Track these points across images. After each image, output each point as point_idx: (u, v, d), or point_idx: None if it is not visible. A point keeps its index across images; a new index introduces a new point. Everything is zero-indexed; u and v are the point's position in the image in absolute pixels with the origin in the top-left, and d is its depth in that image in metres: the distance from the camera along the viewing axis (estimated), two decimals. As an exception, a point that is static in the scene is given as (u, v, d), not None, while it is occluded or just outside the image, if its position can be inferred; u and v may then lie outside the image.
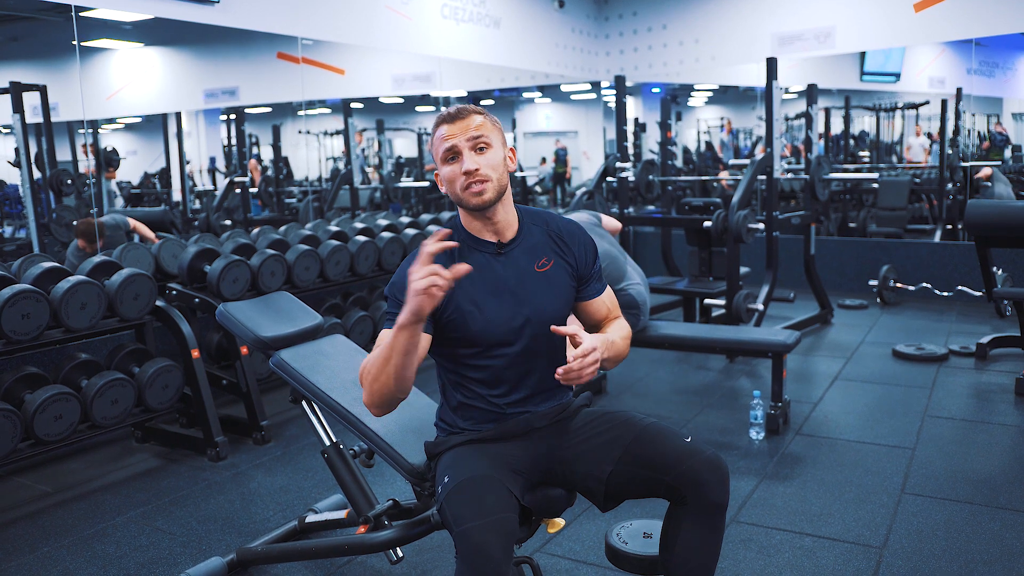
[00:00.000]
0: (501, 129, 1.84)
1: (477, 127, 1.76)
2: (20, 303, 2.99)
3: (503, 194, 1.79)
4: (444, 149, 1.76)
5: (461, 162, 1.74)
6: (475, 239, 1.82)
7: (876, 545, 2.59)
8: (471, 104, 1.81)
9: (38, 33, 5.15)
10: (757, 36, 7.49)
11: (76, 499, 3.18)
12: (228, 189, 6.75)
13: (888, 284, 6.38)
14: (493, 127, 1.80)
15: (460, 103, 2.43)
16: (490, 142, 1.77)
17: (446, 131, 1.76)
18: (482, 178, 1.74)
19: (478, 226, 1.82)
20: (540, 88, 10.71)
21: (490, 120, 1.80)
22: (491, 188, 1.75)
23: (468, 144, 1.75)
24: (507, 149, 1.82)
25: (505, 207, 1.82)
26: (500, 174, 1.77)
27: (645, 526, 2.35)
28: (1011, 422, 3.71)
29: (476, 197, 1.74)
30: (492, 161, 1.76)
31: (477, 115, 1.78)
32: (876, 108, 9.57)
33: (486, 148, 1.76)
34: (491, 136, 1.77)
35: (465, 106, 1.79)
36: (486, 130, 1.77)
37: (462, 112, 1.77)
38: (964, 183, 7.38)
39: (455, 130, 1.75)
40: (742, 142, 11.85)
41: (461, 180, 1.74)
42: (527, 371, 1.85)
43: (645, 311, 3.74)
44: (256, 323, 2.46)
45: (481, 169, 1.74)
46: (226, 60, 6.56)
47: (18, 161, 4.49)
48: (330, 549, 2.31)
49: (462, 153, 1.75)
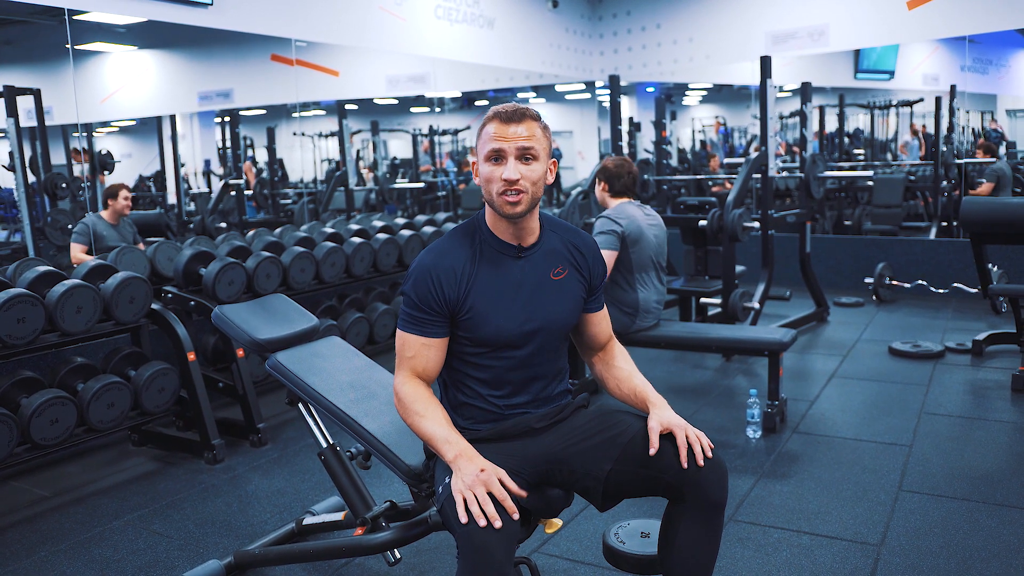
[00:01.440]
0: (550, 137, 1.81)
1: (529, 137, 1.72)
2: (15, 307, 2.98)
3: (535, 206, 1.78)
4: (491, 149, 1.72)
5: (504, 166, 1.71)
6: (497, 240, 1.82)
7: (874, 543, 2.59)
8: (528, 107, 1.76)
9: (32, 37, 5.14)
10: (751, 34, 7.50)
11: (73, 503, 3.18)
12: (223, 191, 6.74)
13: (884, 282, 6.39)
14: (543, 137, 1.76)
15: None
16: (537, 154, 1.73)
17: (497, 130, 1.72)
18: (520, 189, 1.71)
19: (502, 227, 1.81)
20: (535, 88, 10.70)
21: (542, 129, 1.76)
22: (526, 201, 1.73)
23: (516, 152, 1.71)
24: (550, 162, 1.80)
25: (532, 215, 1.81)
26: (538, 187, 1.75)
27: (643, 525, 2.34)
28: (1007, 418, 3.72)
29: (510, 207, 1.73)
30: (534, 174, 1.73)
31: (533, 121, 1.74)
32: (870, 106, 9.59)
33: (532, 160, 1.73)
34: (539, 148, 1.74)
35: (523, 108, 1.74)
36: (536, 141, 1.73)
37: (518, 115, 1.73)
38: (959, 180, 7.40)
39: (507, 133, 1.71)
40: (736, 140, 11.87)
41: (499, 185, 1.72)
42: (530, 376, 1.85)
43: (641, 316, 3.74)
44: (252, 325, 2.46)
45: (522, 181, 1.71)
46: (220, 62, 6.55)
47: (12, 165, 4.49)
48: (328, 551, 2.31)
49: (507, 159, 1.71)
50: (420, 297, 1.77)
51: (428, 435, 1.73)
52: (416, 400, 1.76)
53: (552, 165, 1.81)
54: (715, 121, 11.90)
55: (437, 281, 1.76)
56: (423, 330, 1.78)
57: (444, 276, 1.76)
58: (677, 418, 1.76)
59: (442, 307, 1.77)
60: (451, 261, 1.78)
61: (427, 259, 1.79)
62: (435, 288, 1.75)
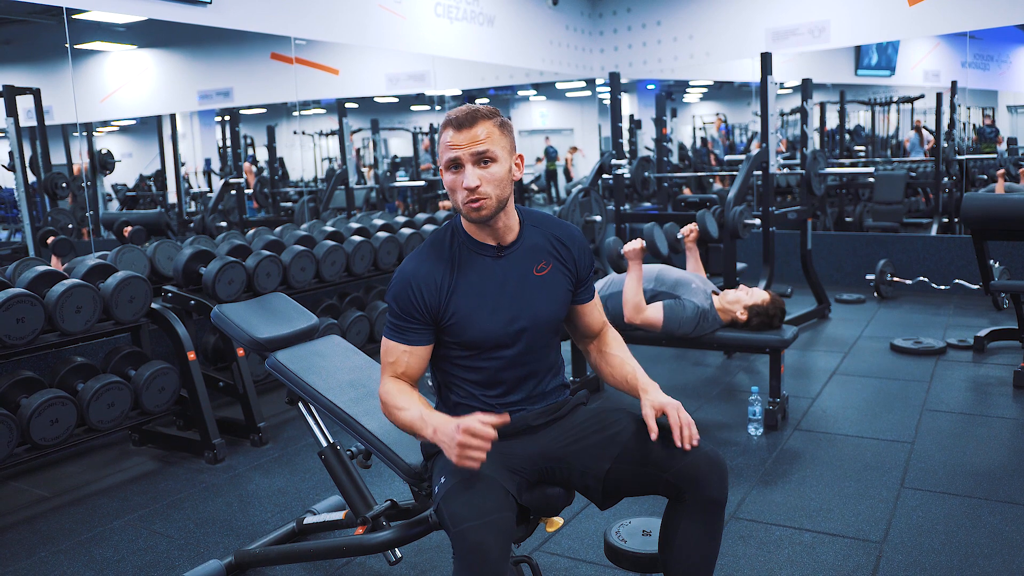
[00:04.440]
0: (511, 134, 1.77)
1: (483, 139, 1.69)
2: (15, 307, 2.98)
3: (504, 206, 1.76)
4: (447, 158, 1.71)
5: (463, 174, 1.70)
6: (475, 242, 1.81)
7: (876, 540, 2.58)
8: (481, 107, 1.73)
9: (31, 36, 5.14)
10: (751, 31, 7.49)
11: (73, 503, 3.17)
12: (223, 191, 6.74)
13: (885, 278, 6.38)
14: (501, 135, 1.73)
15: (463, 103, 2.42)
16: (495, 155, 1.70)
17: (451, 138, 1.70)
18: (481, 195, 1.70)
19: (478, 229, 1.80)
20: (535, 86, 10.71)
21: (499, 127, 1.73)
22: (490, 205, 1.71)
23: (471, 158, 1.69)
24: (515, 157, 1.77)
25: (507, 213, 1.79)
26: (502, 188, 1.72)
27: (644, 524, 2.34)
28: (1009, 415, 3.71)
29: (475, 213, 1.72)
30: (495, 176, 1.71)
31: (486, 121, 1.71)
32: (871, 102, 9.58)
33: (490, 162, 1.70)
34: (497, 148, 1.71)
35: (475, 110, 1.71)
36: (492, 142, 1.70)
37: (470, 119, 1.70)
38: (960, 176, 7.39)
39: (460, 140, 1.69)
40: (737, 138, 11.86)
41: (462, 193, 1.70)
42: (523, 374, 1.85)
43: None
44: (252, 325, 2.46)
45: (482, 187, 1.69)
46: (220, 61, 6.55)
47: (12, 165, 4.48)
48: (328, 550, 2.31)
49: (464, 166, 1.70)
50: (402, 306, 1.77)
51: (408, 424, 1.73)
52: (395, 395, 1.77)
53: (518, 160, 1.79)
54: (716, 119, 11.89)
55: (417, 289, 1.75)
56: (404, 337, 1.78)
57: (424, 284, 1.76)
58: (669, 399, 1.76)
59: (424, 315, 1.76)
60: (430, 268, 1.78)
61: (408, 267, 1.79)
62: (415, 296, 1.75)
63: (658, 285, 3.65)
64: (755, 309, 3.58)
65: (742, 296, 3.63)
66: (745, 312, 3.59)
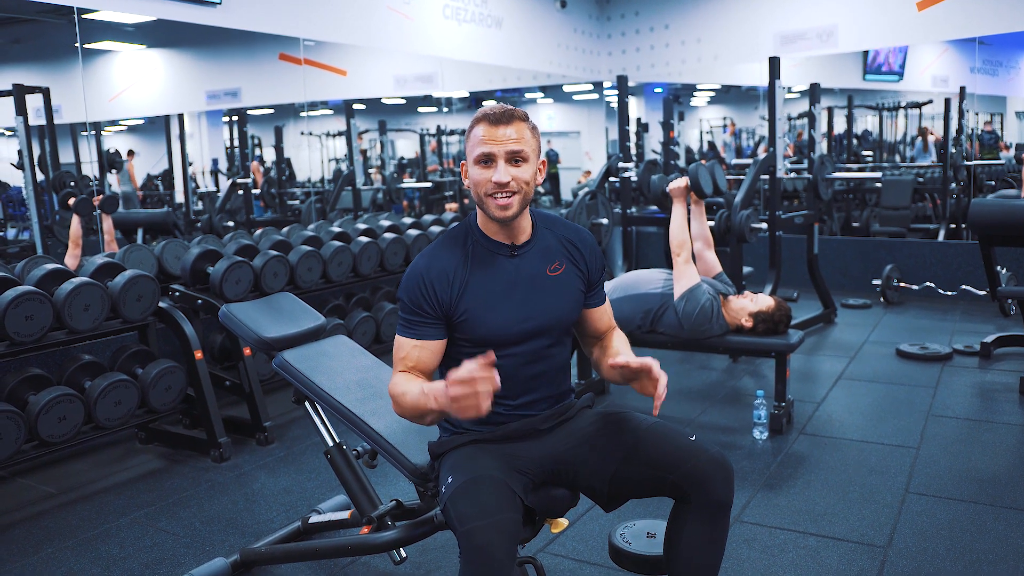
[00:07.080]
0: (539, 139, 1.79)
1: (518, 139, 1.71)
2: (23, 305, 2.99)
3: (527, 207, 1.78)
4: (480, 152, 1.71)
5: (494, 169, 1.71)
6: (490, 240, 1.81)
7: (880, 545, 2.58)
8: (516, 108, 1.74)
9: (41, 35, 5.16)
10: (759, 35, 7.48)
11: (80, 500, 3.19)
12: (230, 190, 6.76)
13: (892, 283, 6.37)
14: (533, 137, 1.75)
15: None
16: (527, 156, 1.72)
17: (486, 133, 1.71)
18: (512, 191, 1.71)
19: (494, 228, 1.80)
20: (542, 88, 10.70)
21: (531, 129, 1.75)
22: (517, 202, 1.73)
23: (505, 155, 1.70)
24: (540, 161, 1.79)
25: (524, 214, 1.80)
26: (529, 188, 1.74)
27: (649, 526, 2.34)
28: (1016, 421, 3.70)
29: (501, 211, 1.72)
30: (524, 176, 1.73)
31: (521, 123, 1.73)
32: (879, 107, 9.56)
33: (522, 162, 1.72)
34: (529, 149, 1.73)
35: (511, 109, 1.73)
36: (526, 143, 1.72)
37: (506, 117, 1.71)
38: (968, 182, 7.37)
39: (496, 135, 1.70)
40: (744, 142, 11.84)
41: (489, 187, 1.71)
42: (533, 374, 1.85)
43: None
44: (259, 324, 2.46)
45: (512, 183, 1.71)
46: (228, 61, 6.57)
47: (21, 163, 4.50)
48: (334, 550, 2.31)
49: (496, 162, 1.71)
50: (413, 301, 1.77)
51: (413, 405, 1.69)
52: (400, 384, 1.74)
53: (541, 165, 1.80)
54: (729, 124, 11.87)
55: (429, 284, 1.76)
56: (415, 332, 1.78)
57: (436, 279, 1.76)
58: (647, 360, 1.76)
59: (435, 309, 1.76)
60: (443, 264, 1.78)
61: (420, 263, 1.80)
62: (428, 291, 1.75)
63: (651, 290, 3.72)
64: (760, 316, 3.58)
65: (747, 304, 3.64)
66: (750, 319, 3.59)
